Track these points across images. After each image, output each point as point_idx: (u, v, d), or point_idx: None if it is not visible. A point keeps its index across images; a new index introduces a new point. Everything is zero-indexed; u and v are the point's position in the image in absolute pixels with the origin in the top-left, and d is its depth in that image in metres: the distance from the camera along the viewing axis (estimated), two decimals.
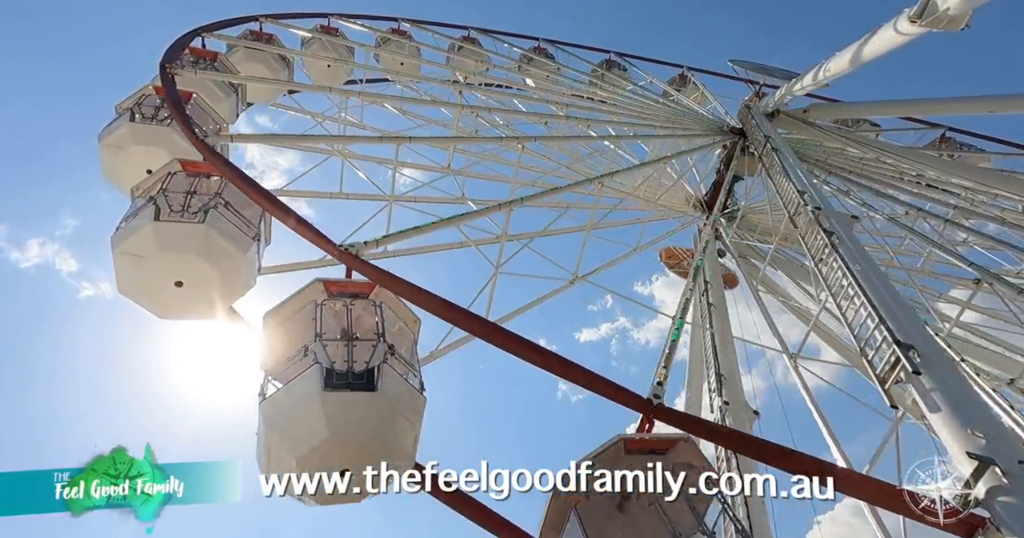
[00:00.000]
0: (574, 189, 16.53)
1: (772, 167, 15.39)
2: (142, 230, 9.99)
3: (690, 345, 17.56)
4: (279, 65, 19.72)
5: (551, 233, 17.02)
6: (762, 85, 22.36)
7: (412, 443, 8.45)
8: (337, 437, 7.79)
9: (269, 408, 8.13)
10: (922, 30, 12.39)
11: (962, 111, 19.54)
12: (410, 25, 23.87)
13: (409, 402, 8.45)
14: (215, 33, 18.10)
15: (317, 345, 8.44)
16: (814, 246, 11.53)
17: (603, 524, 7.28)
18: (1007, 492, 6.43)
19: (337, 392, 8.00)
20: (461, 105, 20.45)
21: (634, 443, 7.62)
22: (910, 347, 8.16)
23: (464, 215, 13.26)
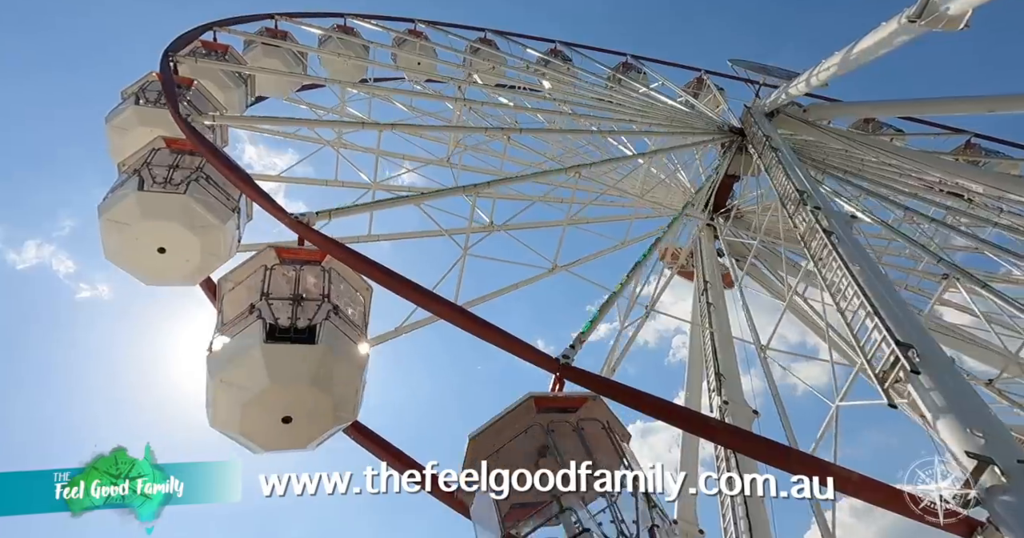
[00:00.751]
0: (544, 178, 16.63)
1: (771, 166, 15.41)
2: (127, 199, 10.67)
3: (689, 345, 17.58)
4: (294, 62, 20.10)
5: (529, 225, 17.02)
6: (762, 85, 22.38)
7: (353, 395, 8.98)
8: (277, 384, 8.34)
9: (213, 360, 8.71)
10: (921, 30, 12.40)
11: (962, 111, 19.54)
12: (426, 26, 24.07)
13: (349, 356, 8.96)
14: (228, 28, 18.54)
15: (263, 303, 9.01)
16: (813, 246, 11.54)
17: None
18: (1006, 491, 6.43)
19: (278, 344, 8.56)
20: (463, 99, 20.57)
21: (544, 401, 7.80)
22: (909, 346, 8.17)
23: (424, 194, 13.72)
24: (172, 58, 15.02)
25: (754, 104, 20.48)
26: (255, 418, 8.45)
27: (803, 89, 18.49)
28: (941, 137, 24.76)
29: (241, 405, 8.39)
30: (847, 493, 7.36)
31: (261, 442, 8.71)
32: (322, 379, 8.54)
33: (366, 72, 22.61)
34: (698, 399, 16.23)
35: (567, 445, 7.39)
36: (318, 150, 17.58)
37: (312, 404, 8.52)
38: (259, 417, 8.43)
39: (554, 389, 8.26)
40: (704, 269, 18.52)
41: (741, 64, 23.83)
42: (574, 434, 7.49)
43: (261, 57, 19.47)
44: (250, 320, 8.84)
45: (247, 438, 8.68)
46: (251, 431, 8.61)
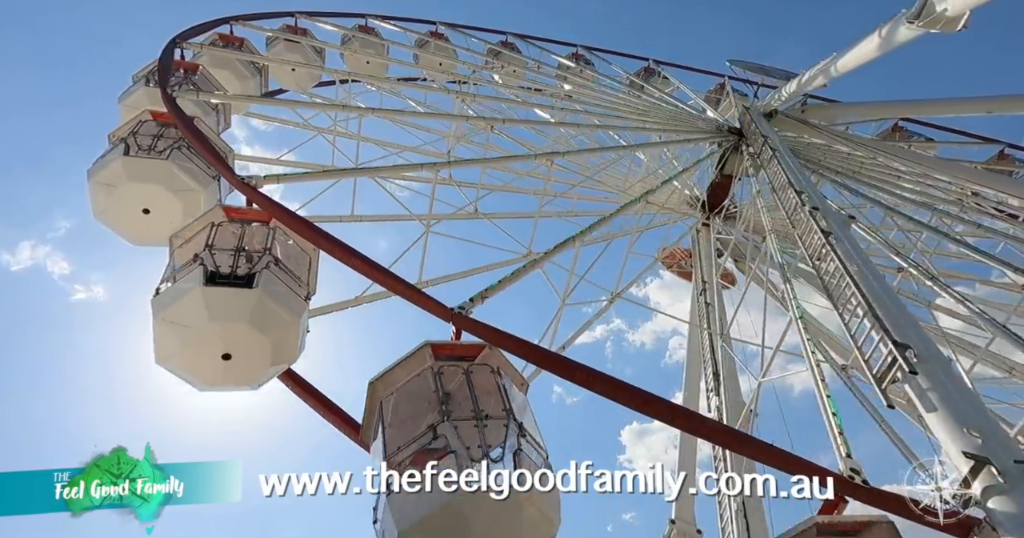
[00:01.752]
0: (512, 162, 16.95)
1: (770, 167, 15.42)
2: (114, 163, 11.44)
3: (687, 345, 17.61)
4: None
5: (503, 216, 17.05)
6: (760, 85, 22.41)
7: (291, 338, 9.52)
8: (216, 322, 8.95)
9: (157, 301, 9.30)
10: (920, 31, 12.43)
11: (961, 112, 19.59)
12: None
13: (287, 301, 9.53)
14: (247, 23, 19.06)
15: (205, 253, 9.72)
16: (811, 246, 11.54)
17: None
18: (1003, 492, 6.44)
19: (217, 287, 9.20)
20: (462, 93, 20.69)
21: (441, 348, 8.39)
22: (907, 347, 8.16)
23: (381, 168, 14.40)
24: (178, 43, 15.82)
25: (752, 104, 20.50)
26: (196, 355, 9.04)
27: (801, 89, 18.52)
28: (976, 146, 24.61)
29: (182, 342, 8.97)
30: (845, 494, 7.39)
31: (204, 378, 9.31)
32: (259, 320, 9.07)
33: (386, 72, 22.86)
34: (696, 399, 16.27)
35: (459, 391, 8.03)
36: (311, 138, 17.92)
37: (250, 343, 9.05)
38: (200, 354, 9.02)
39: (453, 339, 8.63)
40: (702, 269, 18.55)
41: (740, 65, 23.87)
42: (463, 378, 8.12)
43: (284, 53, 20.05)
44: (193, 267, 9.47)
45: (189, 374, 9.27)
46: (193, 367, 9.19)
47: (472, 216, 16.34)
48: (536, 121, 20.75)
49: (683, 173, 18.94)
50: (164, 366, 9.26)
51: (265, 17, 20.08)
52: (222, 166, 11.31)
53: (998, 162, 23.83)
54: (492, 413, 7.81)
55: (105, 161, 11.63)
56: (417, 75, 24.31)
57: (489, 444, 7.52)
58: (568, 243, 12.40)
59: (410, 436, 7.64)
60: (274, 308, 9.27)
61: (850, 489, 7.49)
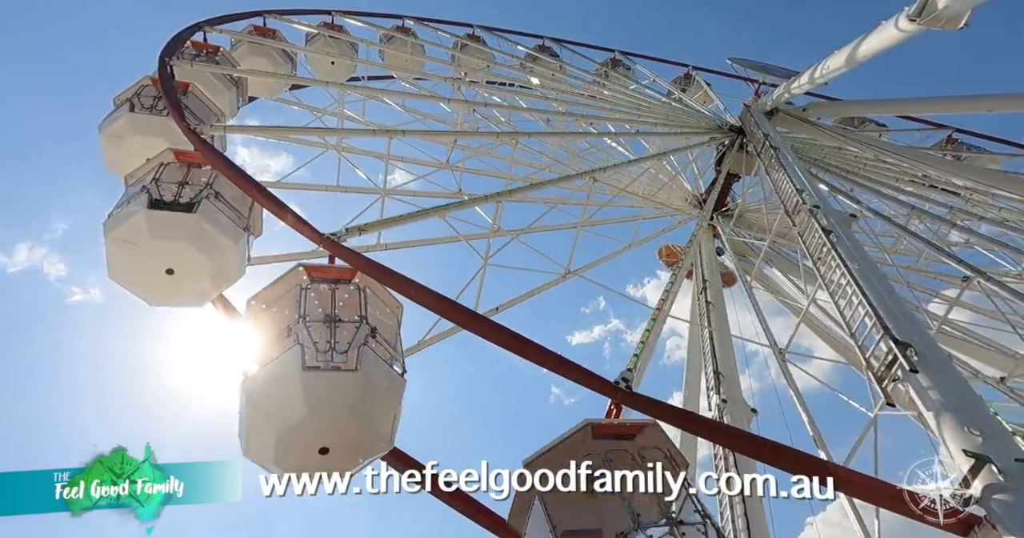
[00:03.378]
0: (564, 183, 16.61)
1: (771, 165, 15.41)
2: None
3: (688, 343, 17.60)
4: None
5: (543, 229, 16.89)
6: (761, 83, 22.39)
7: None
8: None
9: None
10: (920, 29, 12.39)
11: (961, 110, 19.57)
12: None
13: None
14: (217, 27, 18.22)
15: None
16: (812, 244, 11.54)
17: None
18: (1004, 490, 6.43)
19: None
20: (461, 100, 20.51)
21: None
22: (907, 345, 8.16)
23: (449, 206, 13.20)
24: (168, 61, 14.53)
25: (753, 103, 20.48)
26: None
27: (802, 88, 18.49)
28: (923, 133, 24.73)
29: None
30: (846, 493, 7.38)
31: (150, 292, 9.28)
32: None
33: (355, 71, 22.44)
34: (696, 398, 16.26)
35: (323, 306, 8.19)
36: (321, 155, 17.24)
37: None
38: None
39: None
40: (703, 268, 18.54)
41: (740, 63, 23.85)
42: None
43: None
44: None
45: (137, 287, 9.15)
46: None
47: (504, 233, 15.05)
48: (556, 132, 20.59)
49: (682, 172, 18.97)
50: (115, 280, 9.47)
51: (234, 19, 19.33)
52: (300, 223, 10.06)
53: (946, 146, 23.88)
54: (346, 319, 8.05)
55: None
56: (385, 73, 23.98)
57: (337, 341, 7.82)
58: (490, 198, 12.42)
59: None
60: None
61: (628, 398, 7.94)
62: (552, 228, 17.35)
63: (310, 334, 8.47)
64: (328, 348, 8.38)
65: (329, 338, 8.50)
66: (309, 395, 7.91)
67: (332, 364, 8.23)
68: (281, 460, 8.03)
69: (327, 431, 7.94)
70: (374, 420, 8.23)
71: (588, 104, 22.29)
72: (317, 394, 7.97)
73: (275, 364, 8.29)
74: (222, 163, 10.91)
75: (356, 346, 8.40)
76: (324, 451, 7.93)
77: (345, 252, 9.58)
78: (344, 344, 8.45)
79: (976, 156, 23.63)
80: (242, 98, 17.31)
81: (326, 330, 8.61)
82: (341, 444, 7.99)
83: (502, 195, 13.73)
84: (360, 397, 8.12)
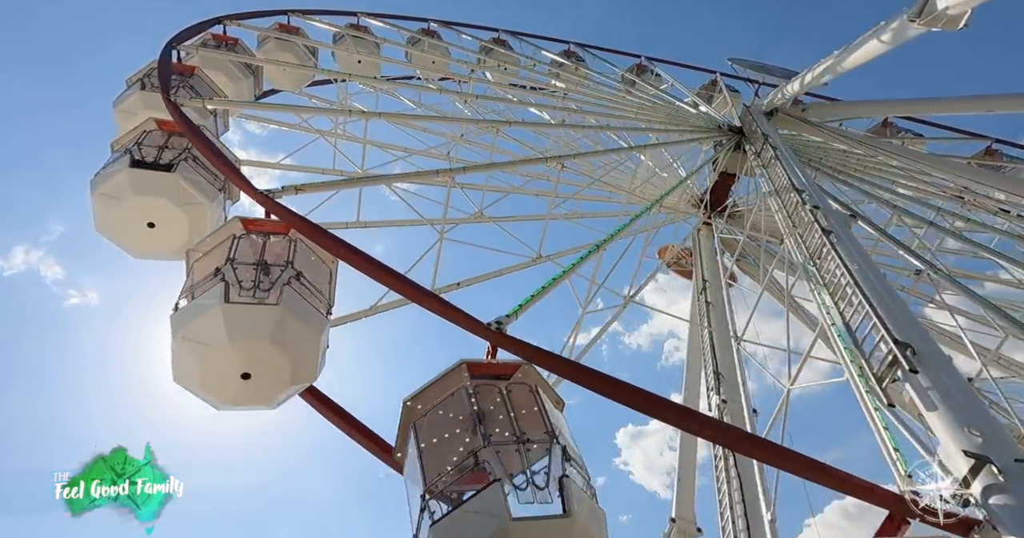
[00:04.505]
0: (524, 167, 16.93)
1: (771, 165, 15.39)
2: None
3: (688, 343, 17.57)
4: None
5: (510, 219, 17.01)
6: (761, 84, 22.39)
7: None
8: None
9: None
10: (921, 29, 12.39)
11: (961, 111, 19.55)
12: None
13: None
14: (240, 22, 18.78)
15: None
16: (812, 244, 11.50)
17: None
18: (1003, 490, 6.41)
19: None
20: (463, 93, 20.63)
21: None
22: (907, 346, 8.13)
23: (396, 175, 13.98)
24: (174, 46, 15.50)
25: (753, 103, 20.48)
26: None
27: (802, 88, 18.48)
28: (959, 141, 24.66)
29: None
30: (846, 493, 7.36)
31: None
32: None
33: (380, 70, 22.78)
34: (696, 398, 16.23)
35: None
36: (313, 141, 17.73)
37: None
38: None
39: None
40: (703, 268, 18.52)
41: (740, 63, 23.85)
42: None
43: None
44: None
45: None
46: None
47: (482, 220, 16.12)
48: (542, 123, 20.71)
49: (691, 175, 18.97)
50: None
51: (258, 15, 19.89)
52: (239, 178, 10.95)
53: (985, 157, 23.87)
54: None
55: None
56: (410, 73, 24.27)
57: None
58: (592, 254, 12.25)
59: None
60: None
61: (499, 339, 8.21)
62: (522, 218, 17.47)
63: (236, 275, 9.23)
64: (252, 287, 9.17)
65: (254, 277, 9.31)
66: (229, 323, 8.66)
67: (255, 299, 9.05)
68: (206, 384, 8.85)
69: (246, 357, 8.69)
70: (293, 350, 8.95)
71: (589, 102, 22.29)
72: (237, 323, 8.73)
73: (200, 298, 9.10)
74: (189, 129, 11.77)
75: (280, 286, 9.17)
76: (246, 376, 8.70)
77: (278, 207, 10.17)
78: (268, 284, 9.26)
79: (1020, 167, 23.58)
80: (258, 88, 18.25)
81: (253, 272, 9.40)
82: (261, 371, 8.75)
83: (454, 171, 13.85)
84: (279, 328, 8.82)
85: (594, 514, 6.98)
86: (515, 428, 7.40)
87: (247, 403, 9.26)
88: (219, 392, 8.97)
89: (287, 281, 9.32)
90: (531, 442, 7.30)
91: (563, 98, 22.38)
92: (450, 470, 7.09)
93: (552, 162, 15.72)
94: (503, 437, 7.29)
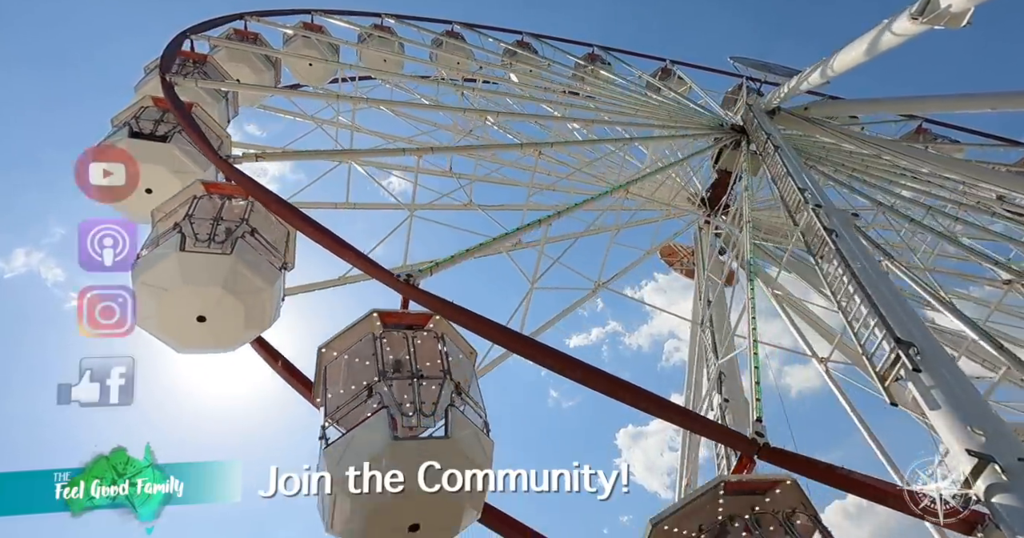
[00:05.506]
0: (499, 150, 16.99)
1: (773, 165, 15.37)
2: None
3: (689, 343, 17.56)
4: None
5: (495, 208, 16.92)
6: (763, 82, 22.34)
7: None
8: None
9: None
10: (923, 27, 12.36)
11: (964, 108, 19.46)
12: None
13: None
14: (202, 34, 17.58)
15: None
16: (814, 244, 11.51)
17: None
18: (1007, 489, 6.43)
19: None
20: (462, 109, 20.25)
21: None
22: (910, 345, 8.15)
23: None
24: (188, 35, 15.75)
25: (755, 102, 20.43)
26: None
27: (804, 86, 18.45)
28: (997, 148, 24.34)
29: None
30: (851, 492, 7.37)
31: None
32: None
33: (335, 73, 21.64)
34: (698, 397, 16.22)
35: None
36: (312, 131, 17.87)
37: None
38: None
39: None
40: (705, 267, 18.50)
41: (743, 61, 23.78)
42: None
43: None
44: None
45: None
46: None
47: (459, 207, 16.27)
48: (531, 115, 20.51)
49: (673, 166, 18.61)
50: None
51: (281, 14, 19.92)
52: (204, 145, 11.38)
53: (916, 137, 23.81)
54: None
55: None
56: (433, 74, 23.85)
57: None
58: (535, 224, 12.14)
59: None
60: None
61: (757, 451, 7.74)
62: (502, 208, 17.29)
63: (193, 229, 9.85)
64: (208, 239, 9.80)
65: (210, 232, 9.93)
66: (184, 269, 9.37)
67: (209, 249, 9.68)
68: (164, 326, 9.51)
69: (201, 301, 9.38)
70: (245, 297, 9.57)
71: (582, 105, 22.17)
72: (191, 269, 9.41)
73: (159, 247, 9.71)
74: (172, 102, 12.19)
75: (234, 239, 9.78)
76: (201, 319, 9.43)
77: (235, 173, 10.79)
78: (223, 237, 9.87)
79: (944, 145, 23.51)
80: (233, 110, 16.48)
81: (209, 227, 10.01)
82: (215, 314, 9.42)
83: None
84: (231, 275, 9.45)
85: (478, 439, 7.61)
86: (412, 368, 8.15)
87: (204, 345, 9.85)
88: (177, 334, 9.64)
89: (241, 235, 9.89)
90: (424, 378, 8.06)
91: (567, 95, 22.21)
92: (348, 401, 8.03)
93: (530, 149, 15.33)
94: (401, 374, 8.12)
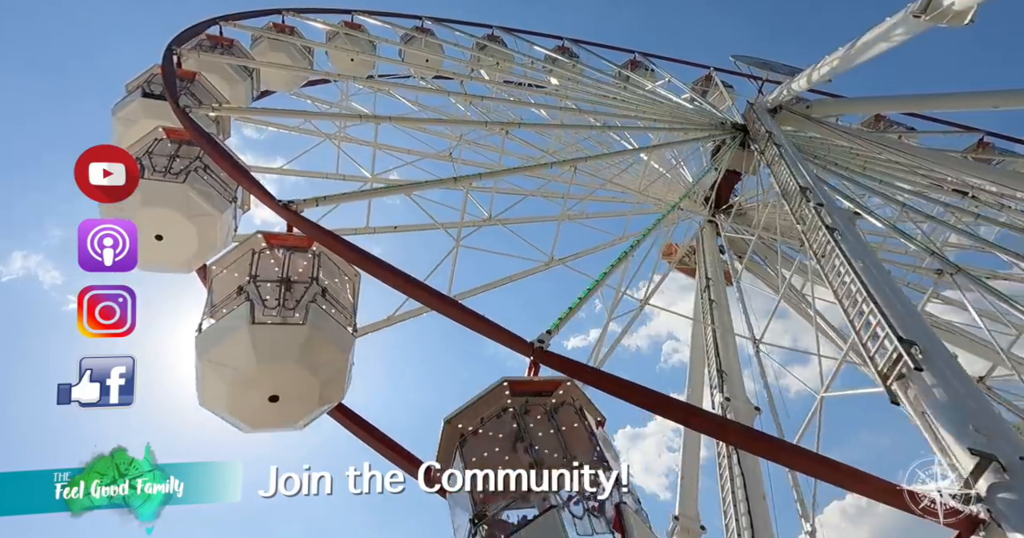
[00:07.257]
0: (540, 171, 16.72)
1: (775, 163, 15.34)
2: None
3: (691, 342, 17.55)
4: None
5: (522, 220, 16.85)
6: (765, 81, 22.31)
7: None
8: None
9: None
10: (926, 25, 12.31)
11: (967, 107, 19.41)
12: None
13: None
14: (235, 23, 18.55)
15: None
16: (816, 242, 11.48)
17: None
18: (1008, 488, 6.40)
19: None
20: (465, 94, 20.58)
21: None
22: (912, 343, 8.12)
23: (414, 184, 13.70)
24: (175, 51, 15.32)
25: (757, 100, 20.40)
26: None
27: (806, 85, 18.41)
28: (952, 135, 24.62)
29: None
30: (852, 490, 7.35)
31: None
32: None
33: (373, 68, 22.70)
34: (700, 396, 16.21)
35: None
36: (318, 144, 17.67)
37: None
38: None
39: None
40: (706, 266, 18.49)
41: (744, 60, 23.75)
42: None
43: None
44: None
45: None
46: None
47: (492, 223, 15.88)
48: (551, 124, 20.69)
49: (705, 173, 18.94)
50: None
51: (252, 15, 19.75)
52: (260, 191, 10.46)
53: (977, 150, 23.82)
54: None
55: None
56: (404, 72, 24.21)
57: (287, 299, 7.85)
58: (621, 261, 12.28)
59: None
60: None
61: (542, 356, 8.11)
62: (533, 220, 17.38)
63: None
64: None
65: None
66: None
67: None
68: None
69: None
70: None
71: (596, 101, 22.24)
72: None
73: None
74: (202, 138, 11.56)
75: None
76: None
77: (302, 221, 9.89)
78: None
79: (1011, 160, 23.47)
80: (255, 90, 17.83)
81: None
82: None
83: (471, 178, 13.79)
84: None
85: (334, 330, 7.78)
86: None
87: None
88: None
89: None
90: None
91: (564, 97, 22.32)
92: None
93: (566, 165, 15.66)
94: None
